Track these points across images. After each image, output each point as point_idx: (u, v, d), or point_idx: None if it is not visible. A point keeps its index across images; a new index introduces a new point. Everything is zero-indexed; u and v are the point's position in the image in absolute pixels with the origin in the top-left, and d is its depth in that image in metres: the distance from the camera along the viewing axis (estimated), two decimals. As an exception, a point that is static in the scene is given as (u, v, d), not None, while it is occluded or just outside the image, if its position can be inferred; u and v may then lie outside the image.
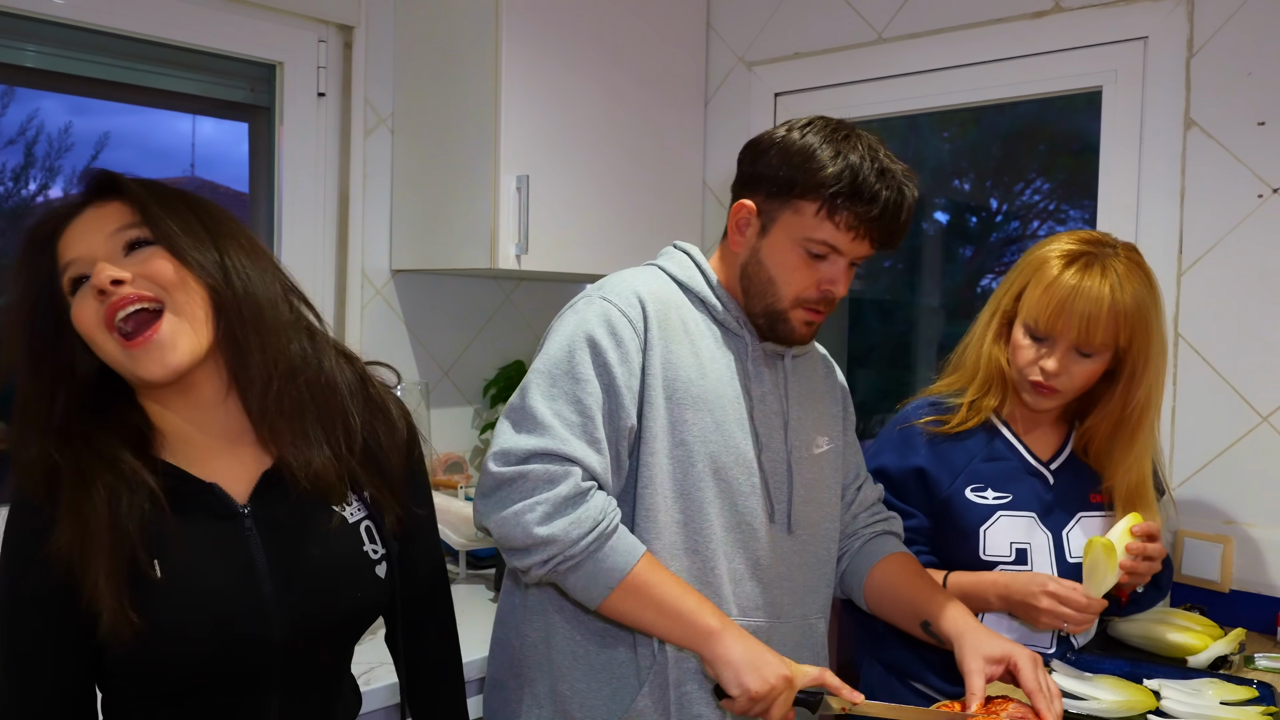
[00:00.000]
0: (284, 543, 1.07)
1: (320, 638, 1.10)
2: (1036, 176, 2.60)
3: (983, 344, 1.59)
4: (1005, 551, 1.55)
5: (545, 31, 2.15)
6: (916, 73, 2.23)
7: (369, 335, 2.32)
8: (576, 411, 1.25)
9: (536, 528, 1.19)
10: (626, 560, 1.21)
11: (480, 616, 1.99)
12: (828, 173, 1.27)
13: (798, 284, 1.33)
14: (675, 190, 2.48)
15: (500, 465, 1.23)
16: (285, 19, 2.15)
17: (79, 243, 1.01)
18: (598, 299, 1.32)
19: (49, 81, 1.98)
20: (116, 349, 0.99)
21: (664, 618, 1.21)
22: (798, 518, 1.41)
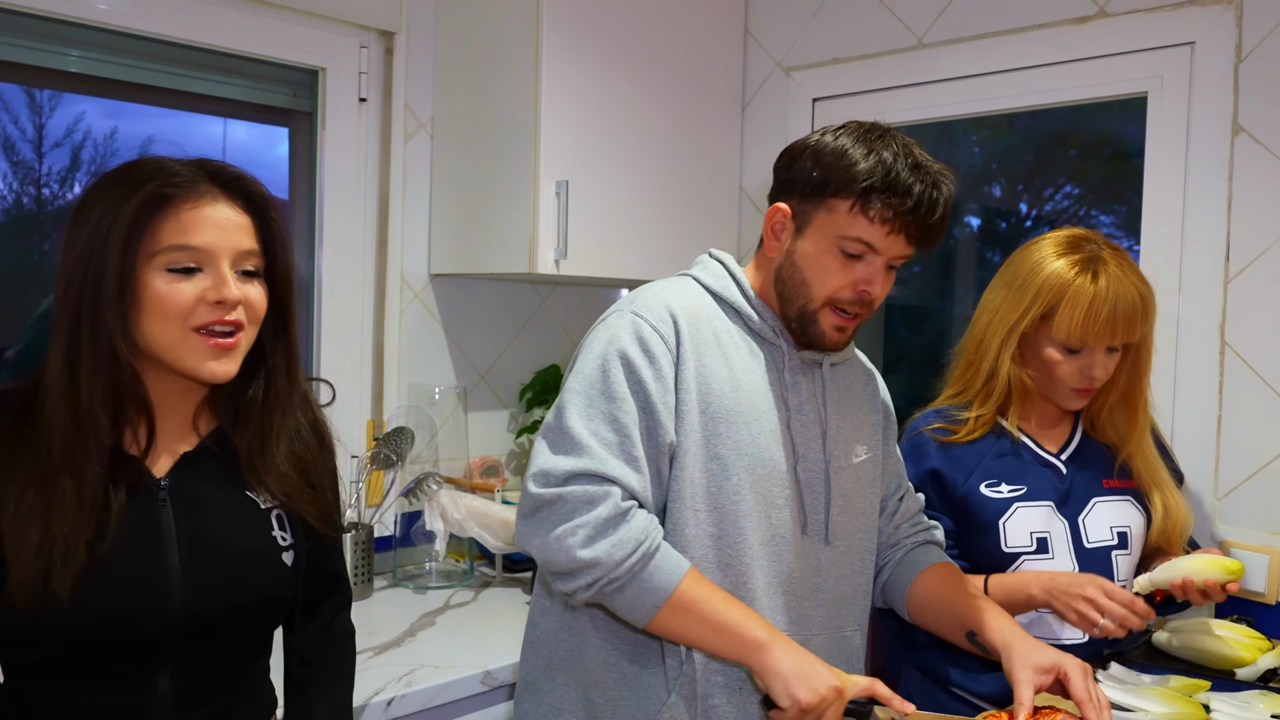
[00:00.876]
0: (195, 518, 1.11)
1: (220, 617, 1.11)
2: (1067, 181, 2.59)
3: (998, 365, 1.60)
4: (1026, 541, 1.57)
5: (585, 37, 2.16)
6: (957, 78, 2.21)
7: (407, 339, 2.33)
8: (614, 430, 1.25)
9: (580, 551, 1.19)
10: (671, 578, 1.21)
11: (517, 620, 1.99)
12: (860, 168, 1.26)
13: (832, 285, 1.32)
14: (712, 196, 2.48)
15: (540, 486, 1.23)
16: (328, 25, 2.17)
17: (205, 234, 1.05)
18: (629, 313, 1.32)
19: (92, 86, 2.01)
20: (196, 340, 1.06)
21: (712, 632, 1.21)
22: (835, 528, 1.40)
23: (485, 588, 2.20)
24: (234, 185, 1.09)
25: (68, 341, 1.03)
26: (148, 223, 1.03)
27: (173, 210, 1.04)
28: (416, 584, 2.19)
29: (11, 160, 1.96)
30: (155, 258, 1.03)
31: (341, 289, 2.24)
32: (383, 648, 1.81)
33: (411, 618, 1.98)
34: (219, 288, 1.05)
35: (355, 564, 2.08)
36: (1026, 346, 1.60)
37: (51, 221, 2.05)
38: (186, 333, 1.05)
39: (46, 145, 2.03)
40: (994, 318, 1.61)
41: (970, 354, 1.67)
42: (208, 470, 1.14)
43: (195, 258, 1.05)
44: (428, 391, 2.32)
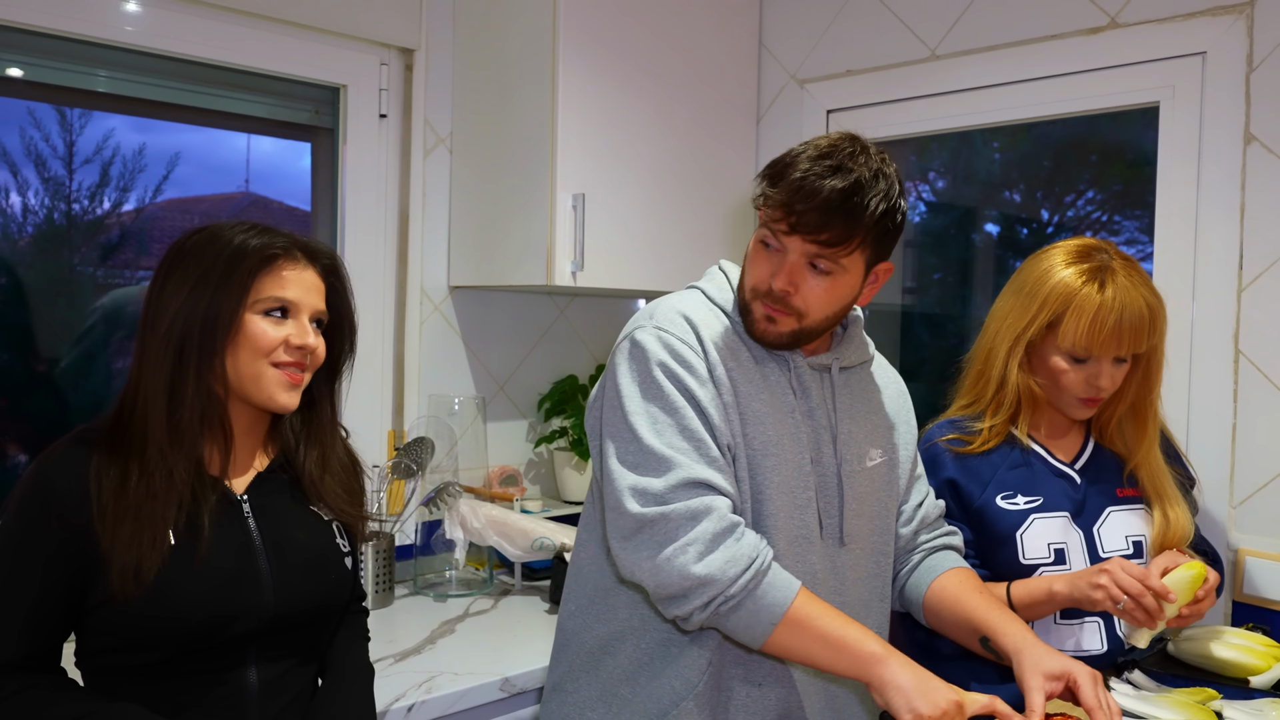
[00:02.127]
0: (276, 526, 1.29)
1: (302, 612, 1.28)
2: (1088, 187, 2.59)
3: (1007, 373, 1.61)
4: (1044, 553, 1.58)
5: (601, 52, 2.19)
6: (970, 89, 2.23)
7: (427, 350, 2.37)
8: (686, 439, 1.26)
9: (694, 567, 1.20)
10: (785, 595, 1.22)
11: (536, 627, 2.02)
12: (773, 161, 1.29)
13: (752, 276, 1.34)
14: (727, 207, 2.50)
15: (641, 505, 1.23)
16: (349, 43, 2.22)
17: (295, 290, 1.27)
18: (652, 329, 1.34)
19: (120, 105, 2.06)
20: (275, 373, 1.26)
21: (829, 649, 1.22)
22: (849, 531, 1.42)
23: (504, 596, 2.23)
24: (318, 257, 1.32)
25: (172, 368, 1.21)
26: (255, 277, 1.24)
27: (275, 269, 1.26)
28: (437, 592, 2.22)
29: (43, 177, 2.01)
30: (256, 304, 1.24)
31: (363, 301, 2.24)
32: (403, 655, 1.84)
33: (432, 625, 2.01)
34: (302, 335, 1.27)
35: (377, 572, 2.11)
36: (1034, 355, 1.61)
37: (81, 236, 2.09)
38: (267, 366, 1.25)
39: (77, 162, 2.08)
40: (1002, 325, 1.63)
41: (980, 363, 1.68)
42: (278, 488, 1.33)
43: (285, 306, 1.26)
44: (447, 402, 2.35)
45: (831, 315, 1.35)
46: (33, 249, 2.03)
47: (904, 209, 1.32)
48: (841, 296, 1.33)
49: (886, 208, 1.27)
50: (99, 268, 2.12)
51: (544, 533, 2.16)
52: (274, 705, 1.25)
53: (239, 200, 2.37)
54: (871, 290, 1.38)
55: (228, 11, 2.03)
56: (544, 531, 2.16)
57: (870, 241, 1.29)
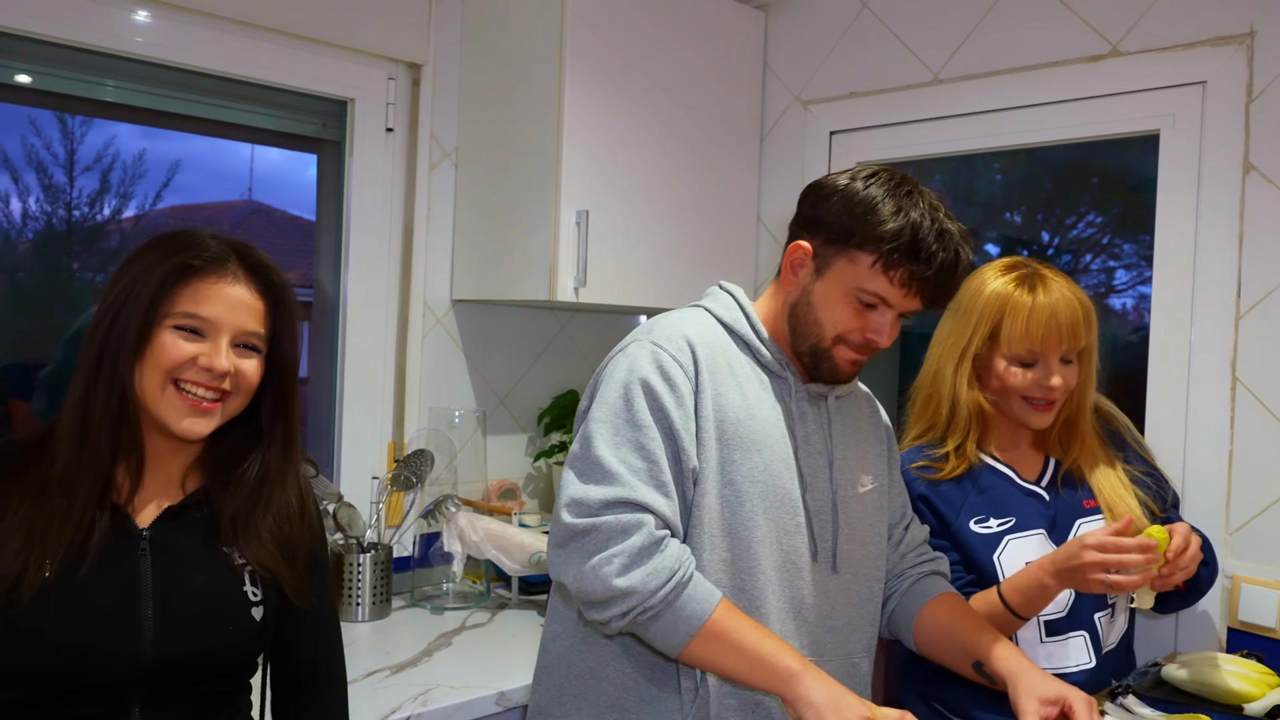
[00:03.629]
0: (172, 567, 1.18)
1: (188, 664, 1.16)
2: (1089, 210, 2.60)
3: (956, 391, 1.65)
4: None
5: (606, 70, 2.21)
6: (972, 114, 2.25)
7: (429, 363, 2.38)
8: (642, 458, 1.27)
9: (615, 579, 1.21)
10: (704, 608, 1.23)
11: (532, 642, 2.02)
12: (888, 228, 1.29)
13: (843, 327, 1.36)
14: (730, 226, 2.52)
15: (574, 516, 1.25)
16: (357, 58, 2.24)
17: (215, 307, 1.16)
18: (647, 343, 1.35)
19: (128, 114, 2.07)
20: (174, 398, 1.15)
21: (744, 662, 1.23)
22: (843, 556, 1.43)
23: (501, 609, 2.23)
24: (258, 271, 1.20)
25: (88, 376, 1.13)
26: (171, 287, 1.14)
27: (194, 281, 1.15)
28: (434, 604, 2.23)
29: (43, 184, 2.02)
30: (168, 318, 1.14)
31: (366, 313, 2.29)
32: (399, 667, 1.84)
33: (429, 638, 2.01)
34: (212, 356, 1.15)
35: (374, 583, 2.11)
36: (983, 370, 1.65)
37: (81, 243, 2.11)
38: (167, 385, 1.15)
39: (77, 169, 2.09)
40: (945, 346, 1.67)
41: (927, 387, 1.71)
42: (188, 525, 1.21)
43: (200, 325, 1.15)
44: (448, 415, 2.36)
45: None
46: (33, 255, 2.04)
47: None
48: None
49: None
50: (99, 274, 2.13)
51: (541, 547, 2.16)
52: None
53: (241, 208, 2.39)
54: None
55: (237, 24, 2.05)
56: (542, 546, 2.16)
57: None
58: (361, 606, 2.10)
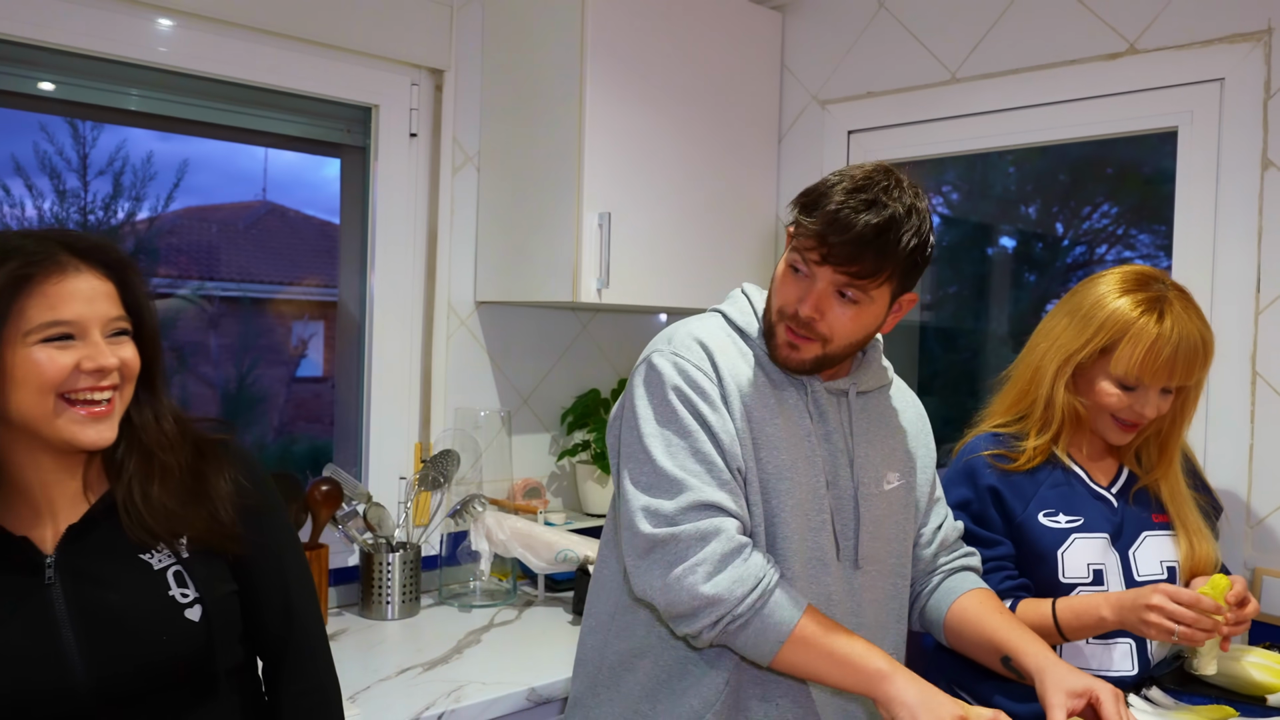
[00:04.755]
0: (84, 590, 1.09)
1: (129, 684, 1.09)
2: (1104, 201, 2.61)
3: (1054, 394, 1.64)
4: (1082, 573, 1.60)
5: (626, 73, 2.24)
6: (989, 112, 2.27)
7: (454, 364, 2.41)
8: (699, 461, 1.30)
9: (702, 587, 1.23)
10: (792, 614, 1.25)
11: (560, 639, 2.06)
12: (807, 190, 1.31)
13: (779, 298, 1.36)
14: (749, 225, 2.54)
15: (652, 525, 1.27)
16: (381, 64, 2.27)
17: (72, 306, 1.06)
18: (669, 354, 1.37)
19: (151, 122, 2.10)
20: (71, 413, 1.07)
21: (835, 665, 1.25)
22: (865, 553, 1.44)
23: (528, 606, 2.27)
24: (93, 254, 1.10)
25: None
26: (13, 303, 1.03)
27: (38, 288, 1.05)
28: (461, 602, 2.26)
29: (58, 190, 2.06)
30: (28, 336, 1.04)
31: (392, 316, 2.32)
32: (431, 664, 1.87)
33: (458, 635, 2.04)
34: (96, 356, 1.07)
35: (403, 582, 2.15)
36: (1081, 377, 1.63)
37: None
38: (59, 402, 1.06)
39: (91, 173, 2.13)
40: (1052, 345, 1.64)
41: (1025, 380, 1.69)
42: (96, 540, 1.13)
43: (68, 329, 1.06)
44: (473, 415, 2.39)
45: (855, 342, 1.38)
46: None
47: (933, 243, 1.36)
48: (866, 325, 1.36)
49: (917, 243, 1.30)
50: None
51: (568, 545, 2.19)
52: None
53: (257, 209, 2.42)
54: (895, 319, 1.41)
55: (262, 33, 2.08)
56: (568, 544, 2.19)
57: (899, 274, 1.32)
58: (391, 605, 2.14)
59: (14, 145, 2.00)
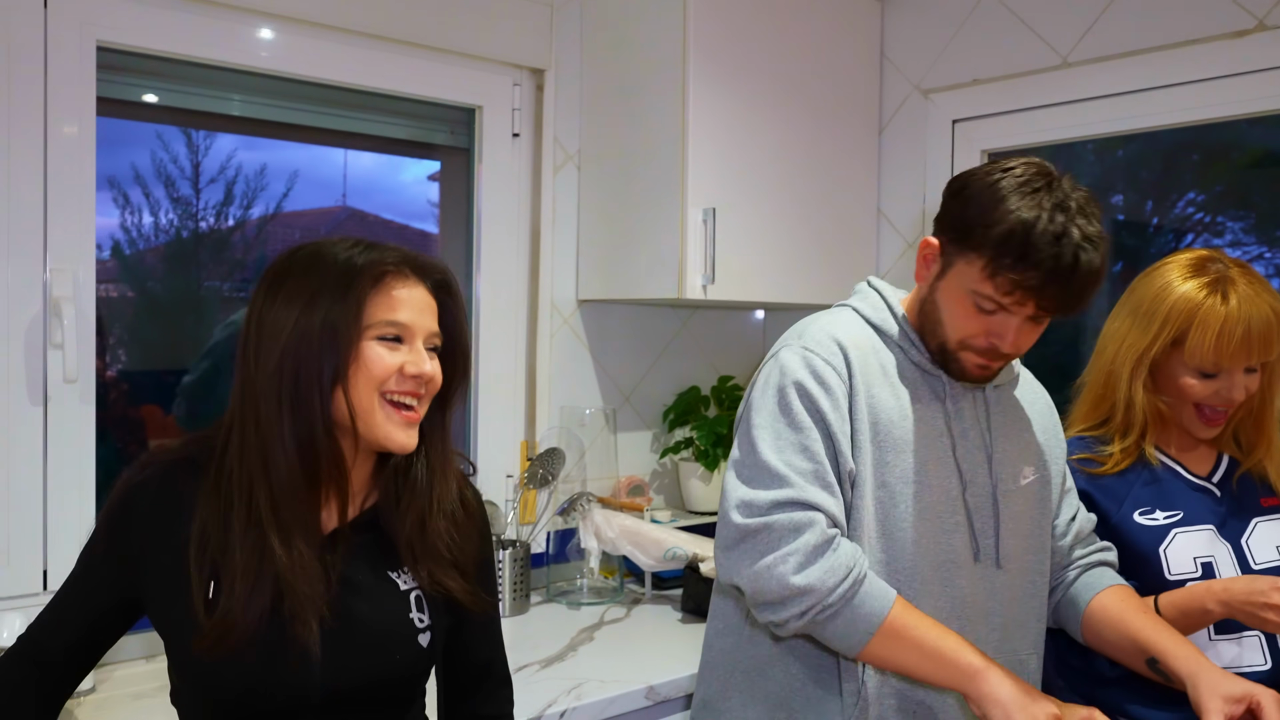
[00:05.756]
0: (341, 595, 1.12)
1: (356, 693, 1.13)
2: (1192, 188, 2.53)
3: (1132, 395, 1.58)
4: (1190, 568, 1.54)
5: (728, 68, 2.22)
6: (1104, 96, 2.20)
7: (556, 362, 2.42)
8: (806, 459, 1.28)
9: (792, 578, 1.21)
10: (882, 605, 1.23)
11: (671, 637, 2.05)
12: (997, 231, 1.22)
13: (964, 331, 1.33)
14: (851, 219, 2.50)
15: (744, 517, 1.25)
16: (484, 65, 2.28)
17: (408, 311, 1.12)
18: (799, 349, 1.35)
19: (253, 128, 2.13)
20: (389, 412, 1.11)
21: (926, 659, 1.22)
22: (1005, 552, 1.41)
23: (636, 604, 2.26)
24: (428, 272, 1.16)
25: (291, 408, 1.08)
26: (367, 297, 1.09)
27: (385, 288, 1.11)
28: (569, 600, 2.27)
29: (172, 197, 2.11)
30: (369, 330, 1.10)
31: (497, 315, 2.34)
32: (547, 661, 1.88)
33: (570, 633, 2.05)
34: (418, 362, 1.12)
35: (514, 580, 2.16)
36: (1159, 373, 1.58)
37: (208, 253, 2.19)
38: (381, 400, 1.11)
39: (203, 181, 2.18)
40: (1120, 346, 1.59)
41: (1100, 387, 1.64)
42: (353, 551, 1.16)
43: (400, 331, 1.12)
44: (578, 413, 2.40)
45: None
46: (164, 267, 2.13)
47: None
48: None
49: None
50: (225, 281, 2.21)
51: (676, 543, 2.18)
52: None
53: (337, 214, 2.45)
54: None
55: (366, 37, 2.10)
56: (676, 541, 2.19)
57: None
58: (503, 602, 2.15)
59: (133, 155, 2.06)
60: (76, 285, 1.79)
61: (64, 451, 1.79)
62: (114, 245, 2.05)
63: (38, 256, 1.76)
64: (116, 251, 2.05)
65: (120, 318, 2.07)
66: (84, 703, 1.65)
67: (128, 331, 2.09)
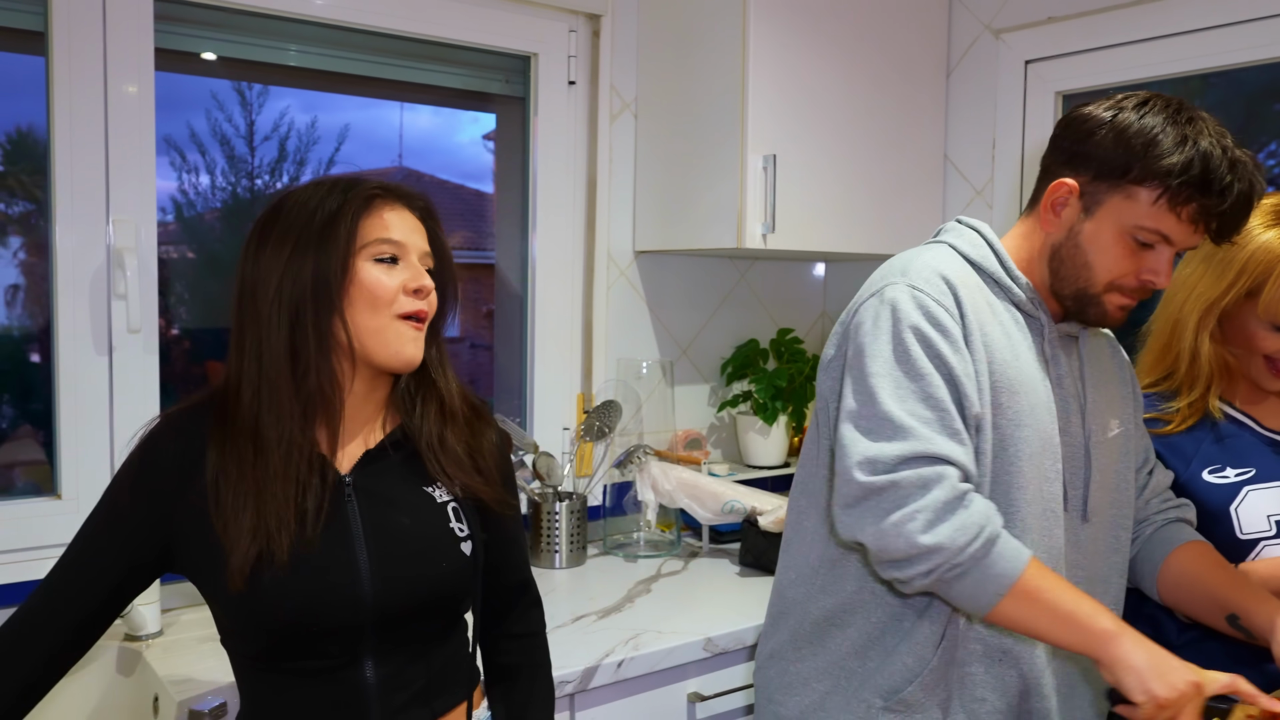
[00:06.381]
0: (378, 510, 1.17)
1: (410, 605, 1.16)
2: (1272, 139, 2.39)
3: (1198, 345, 1.52)
4: (1264, 526, 1.48)
5: (789, 10, 2.15)
6: (1187, 33, 2.08)
7: (613, 315, 2.40)
8: (930, 407, 1.21)
9: (921, 536, 1.15)
10: (1015, 565, 1.17)
11: (729, 589, 2.04)
12: (1174, 160, 1.20)
13: (1117, 270, 1.28)
14: (916, 164, 2.43)
15: (868, 474, 1.18)
16: (539, 11, 2.24)
17: (400, 230, 1.16)
18: (905, 286, 1.27)
19: (308, 80, 2.12)
20: (400, 325, 1.15)
21: (1058, 622, 1.17)
22: (1094, 504, 1.36)
23: (693, 558, 2.25)
24: (413, 199, 1.21)
25: (289, 335, 1.11)
26: (358, 220, 1.13)
27: (375, 210, 1.15)
28: (626, 553, 2.26)
29: (227, 155, 2.12)
30: (364, 249, 1.13)
31: (554, 266, 2.32)
32: (605, 612, 1.88)
33: (627, 585, 2.04)
34: (417, 278, 1.16)
35: (570, 532, 2.16)
36: (1228, 324, 1.51)
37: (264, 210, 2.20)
38: (392, 319, 1.15)
39: (257, 139, 2.18)
40: (1190, 295, 1.52)
41: (1165, 336, 1.57)
42: (387, 468, 1.21)
43: (395, 250, 1.16)
44: (635, 365, 2.38)
45: None
46: (222, 224, 2.14)
47: None
48: None
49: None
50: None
51: (734, 496, 2.16)
52: (395, 700, 1.17)
53: (393, 174, 2.44)
54: None
55: (423, -16, 2.07)
56: (734, 495, 2.16)
57: None
58: (560, 554, 2.16)
59: (189, 115, 2.07)
60: (139, 237, 1.81)
61: (129, 399, 1.82)
62: (176, 208, 2.07)
63: (100, 210, 1.78)
64: (178, 214, 2.07)
65: (182, 276, 2.10)
66: (152, 645, 1.69)
67: (189, 290, 2.11)
